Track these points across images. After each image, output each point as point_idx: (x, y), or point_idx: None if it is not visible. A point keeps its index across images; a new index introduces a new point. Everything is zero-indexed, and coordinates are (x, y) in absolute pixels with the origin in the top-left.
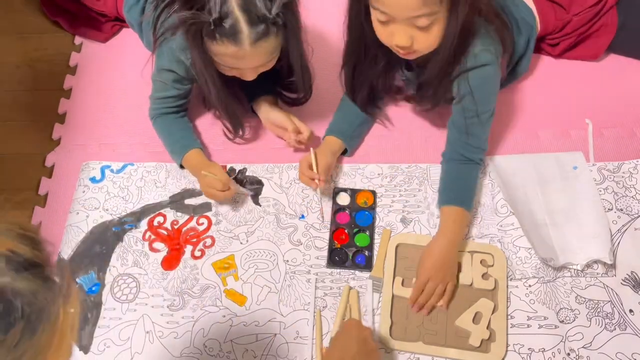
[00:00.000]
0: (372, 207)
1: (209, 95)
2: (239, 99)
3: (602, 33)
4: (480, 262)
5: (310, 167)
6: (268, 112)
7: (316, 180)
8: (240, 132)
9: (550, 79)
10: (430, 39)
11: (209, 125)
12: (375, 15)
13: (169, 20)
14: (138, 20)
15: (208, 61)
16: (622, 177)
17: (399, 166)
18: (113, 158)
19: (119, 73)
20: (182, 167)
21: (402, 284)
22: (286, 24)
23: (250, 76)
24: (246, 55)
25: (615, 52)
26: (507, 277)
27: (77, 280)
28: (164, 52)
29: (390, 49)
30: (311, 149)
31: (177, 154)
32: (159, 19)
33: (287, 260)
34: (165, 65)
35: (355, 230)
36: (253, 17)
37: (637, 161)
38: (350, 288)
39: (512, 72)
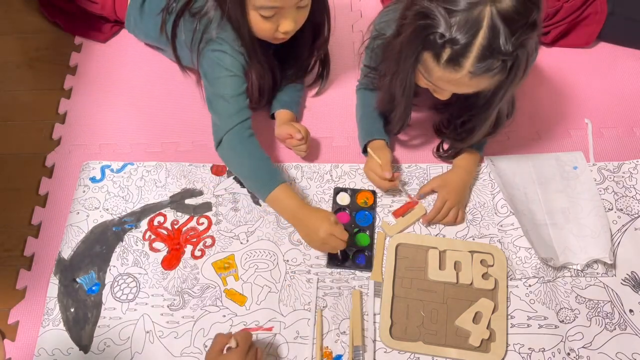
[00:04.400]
0: (372, 207)
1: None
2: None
3: (592, 20)
4: (480, 262)
5: (378, 171)
6: (281, 124)
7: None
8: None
9: (549, 78)
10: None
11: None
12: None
13: (212, 26)
14: (147, 34)
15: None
16: (622, 177)
17: (399, 166)
18: (113, 158)
19: (119, 73)
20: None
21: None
22: None
23: (290, 22)
24: None
25: (605, 40)
26: (507, 277)
27: (78, 280)
28: (219, 43)
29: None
30: (369, 150)
31: (265, 188)
32: (176, 34)
33: (287, 260)
34: (227, 50)
35: (356, 230)
36: None
37: (637, 161)
38: (362, 294)
39: None
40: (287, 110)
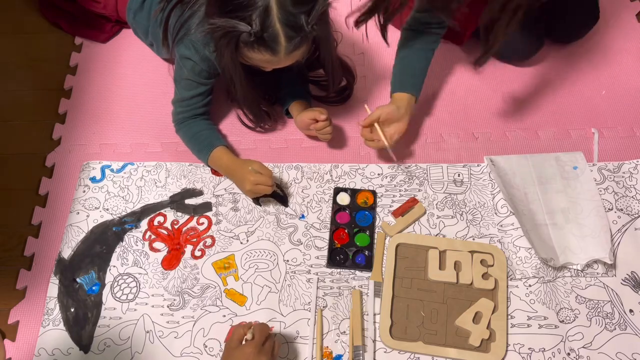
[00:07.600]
0: (372, 207)
1: (235, 93)
2: (264, 95)
3: None
4: (480, 262)
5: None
6: (299, 112)
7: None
8: (261, 124)
9: (549, 78)
10: None
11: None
12: None
13: (193, 21)
14: (146, 25)
15: (238, 63)
16: (622, 177)
17: (399, 166)
18: (113, 158)
19: (119, 73)
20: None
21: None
22: (318, 32)
23: (271, 69)
24: (280, 62)
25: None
26: (507, 277)
27: (78, 280)
28: (187, 46)
29: None
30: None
31: (203, 153)
32: (169, 17)
33: (287, 260)
34: (192, 56)
35: (356, 230)
36: (291, 31)
37: (637, 161)
38: (362, 294)
39: None
40: (300, 101)
